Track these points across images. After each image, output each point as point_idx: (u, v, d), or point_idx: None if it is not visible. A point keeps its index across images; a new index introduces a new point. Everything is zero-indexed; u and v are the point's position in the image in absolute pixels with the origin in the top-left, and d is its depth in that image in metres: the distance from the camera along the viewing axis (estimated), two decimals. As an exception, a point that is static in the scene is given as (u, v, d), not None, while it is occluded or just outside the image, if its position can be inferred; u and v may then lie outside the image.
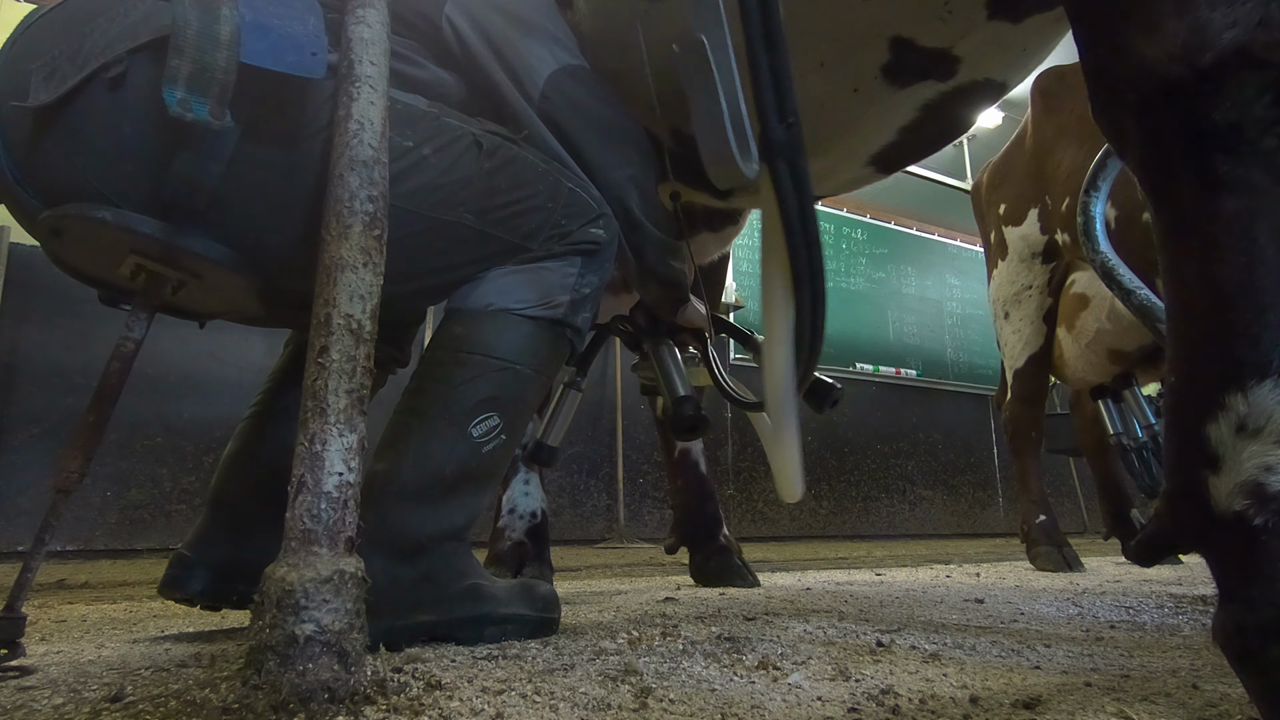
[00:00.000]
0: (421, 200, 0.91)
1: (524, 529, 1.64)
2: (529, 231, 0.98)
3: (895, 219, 6.19)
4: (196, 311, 1.02)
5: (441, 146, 0.93)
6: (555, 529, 2.32)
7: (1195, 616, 1.21)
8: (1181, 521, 0.49)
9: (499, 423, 0.94)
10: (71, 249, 0.86)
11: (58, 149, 0.79)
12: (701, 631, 0.97)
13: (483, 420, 0.93)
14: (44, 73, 0.78)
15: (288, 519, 0.61)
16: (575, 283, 1.01)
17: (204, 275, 0.88)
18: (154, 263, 0.85)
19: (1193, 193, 0.48)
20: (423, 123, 0.92)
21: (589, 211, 1.04)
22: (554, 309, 0.99)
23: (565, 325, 1.01)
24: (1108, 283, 1.13)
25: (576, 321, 1.02)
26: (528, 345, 0.97)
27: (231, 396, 3.30)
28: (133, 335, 0.84)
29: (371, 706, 0.57)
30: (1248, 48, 0.44)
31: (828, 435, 5.21)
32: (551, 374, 1.04)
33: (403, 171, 0.88)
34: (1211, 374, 0.46)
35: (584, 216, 1.03)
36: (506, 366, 0.95)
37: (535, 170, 1.00)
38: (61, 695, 0.64)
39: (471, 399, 0.93)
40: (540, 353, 0.99)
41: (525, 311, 0.97)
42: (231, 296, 0.95)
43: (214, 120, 0.74)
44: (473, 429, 0.92)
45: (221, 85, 0.75)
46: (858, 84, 1.18)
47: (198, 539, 1.04)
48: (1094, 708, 0.60)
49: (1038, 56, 1.24)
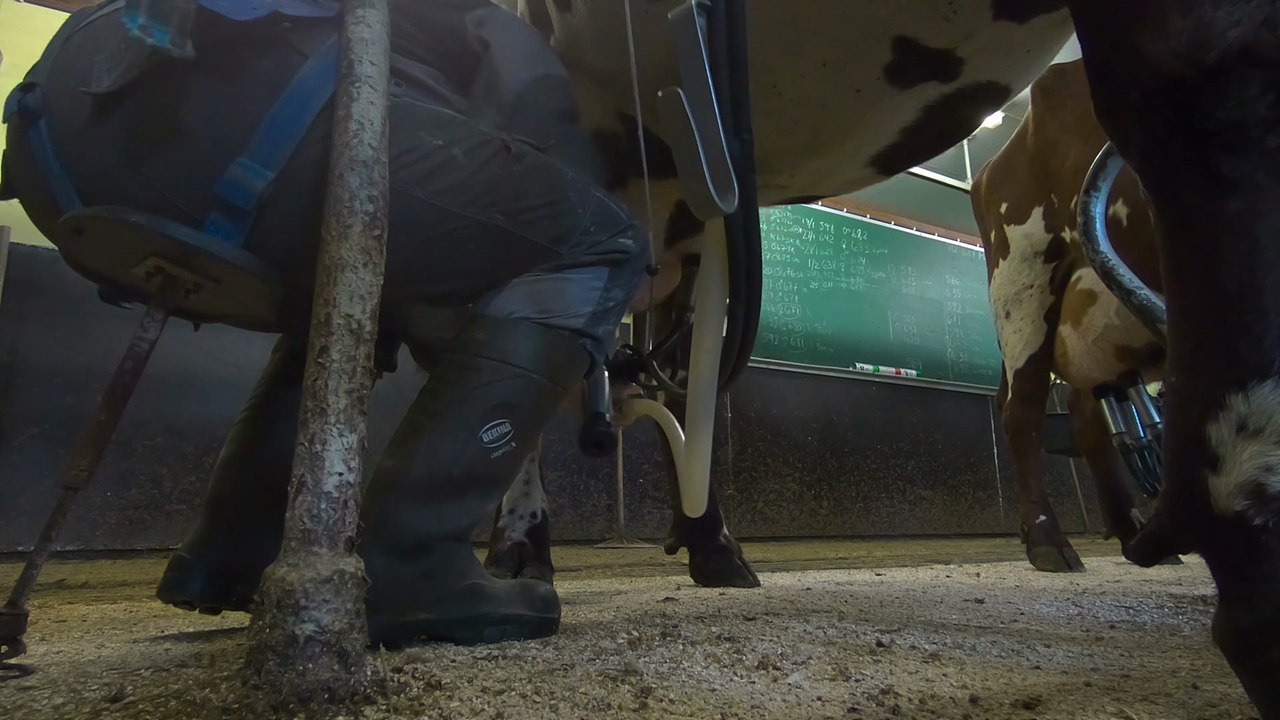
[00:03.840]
0: (453, 198, 0.91)
1: (524, 529, 1.64)
2: (559, 235, 0.99)
3: (895, 219, 6.19)
4: (203, 313, 1.02)
5: (471, 148, 0.93)
6: (555, 529, 2.33)
7: (1195, 616, 1.21)
8: (1181, 521, 0.48)
9: (510, 430, 0.94)
10: (90, 248, 0.86)
11: (112, 137, 0.80)
12: (701, 631, 0.97)
13: (494, 426, 0.93)
14: (108, 63, 0.79)
15: (288, 519, 0.61)
16: (600, 295, 1.01)
17: (224, 280, 0.88)
18: (175, 266, 0.85)
19: (1195, 192, 0.47)
20: (452, 126, 0.94)
21: (618, 222, 1.04)
22: (575, 319, 0.99)
23: (586, 336, 1.01)
24: (1108, 283, 1.13)
25: (598, 333, 1.02)
26: (545, 355, 0.97)
27: (231, 396, 3.30)
28: (147, 335, 0.84)
29: (371, 706, 0.57)
30: (1252, 46, 0.44)
31: (828, 435, 5.21)
32: (568, 385, 1.04)
33: (434, 169, 0.90)
34: (1212, 374, 0.46)
35: (613, 226, 1.03)
36: (523, 374, 0.95)
37: (564, 177, 1.01)
38: (61, 695, 0.64)
39: (485, 404, 0.93)
40: (557, 363, 0.99)
41: (546, 321, 0.97)
42: (247, 302, 0.95)
43: (175, 48, 0.74)
44: (484, 434, 0.92)
45: (182, 14, 0.75)
46: (860, 84, 1.18)
47: (195, 542, 1.04)
48: (1094, 708, 0.60)
49: (1041, 60, 1.23)
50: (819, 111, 1.24)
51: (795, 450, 5.00)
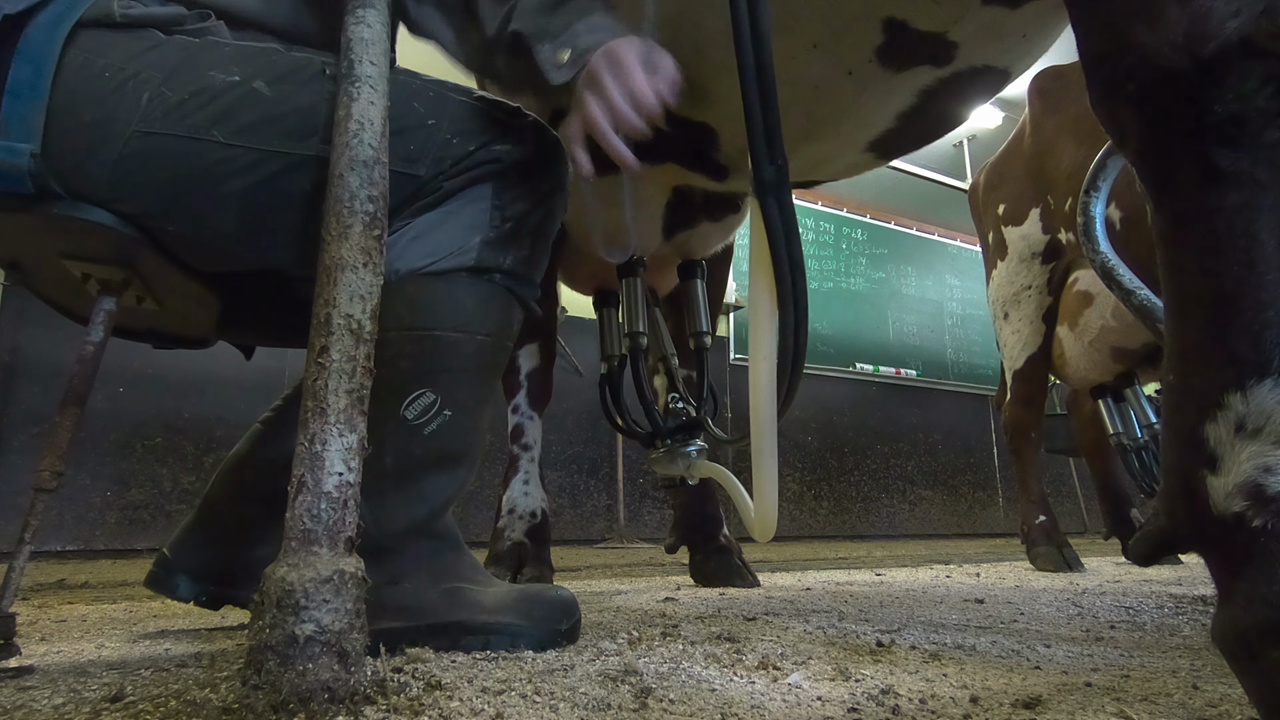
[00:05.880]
0: (262, 135, 0.79)
1: (524, 529, 1.64)
2: (408, 155, 0.84)
3: (895, 219, 6.19)
4: (148, 328, 1.02)
5: (278, 77, 0.82)
6: (555, 529, 2.32)
7: (1195, 616, 1.21)
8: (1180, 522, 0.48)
9: (435, 398, 0.84)
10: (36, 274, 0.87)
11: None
12: (701, 631, 0.97)
13: (414, 399, 0.83)
14: None
15: (288, 519, 0.61)
16: (491, 216, 0.87)
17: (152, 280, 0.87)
18: (88, 263, 0.84)
19: (1193, 186, 0.47)
20: (256, 58, 0.83)
21: (488, 125, 0.88)
22: (465, 255, 0.85)
23: (489, 271, 0.87)
24: (1108, 283, 1.13)
25: (504, 263, 0.87)
26: (444, 305, 0.85)
27: (231, 396, 3.30)
28: (91, 339, 0.85)
29: (371, 706, 0.57)
30: (1251, 37, 0.43)
31: (828, 435, 5.21)
32: (494, 329, 0.89)
33: (230, 106, 0.79)
34: (1210, 372, 0.46)
35: (483, 133, 0.87)
36: (424, 335, 0.84)
37: (408, 88, 0.86)
38: (61, 695, 0.64)
39: (395, 379, 0.83)
40: (465, 310, 0.86)
41: (432, 268, 0.84)
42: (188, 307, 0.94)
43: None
44: (405, 412, 0.83)
45: None
46: (852, 66, 1.17)
47: (177, 540, 1.08)
48: (1094, 708, 0.60)
49: (1040, 44, 1.21)
50: (811, 94, 1.22)
51: (795, 450, 5.01)
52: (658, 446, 1.59)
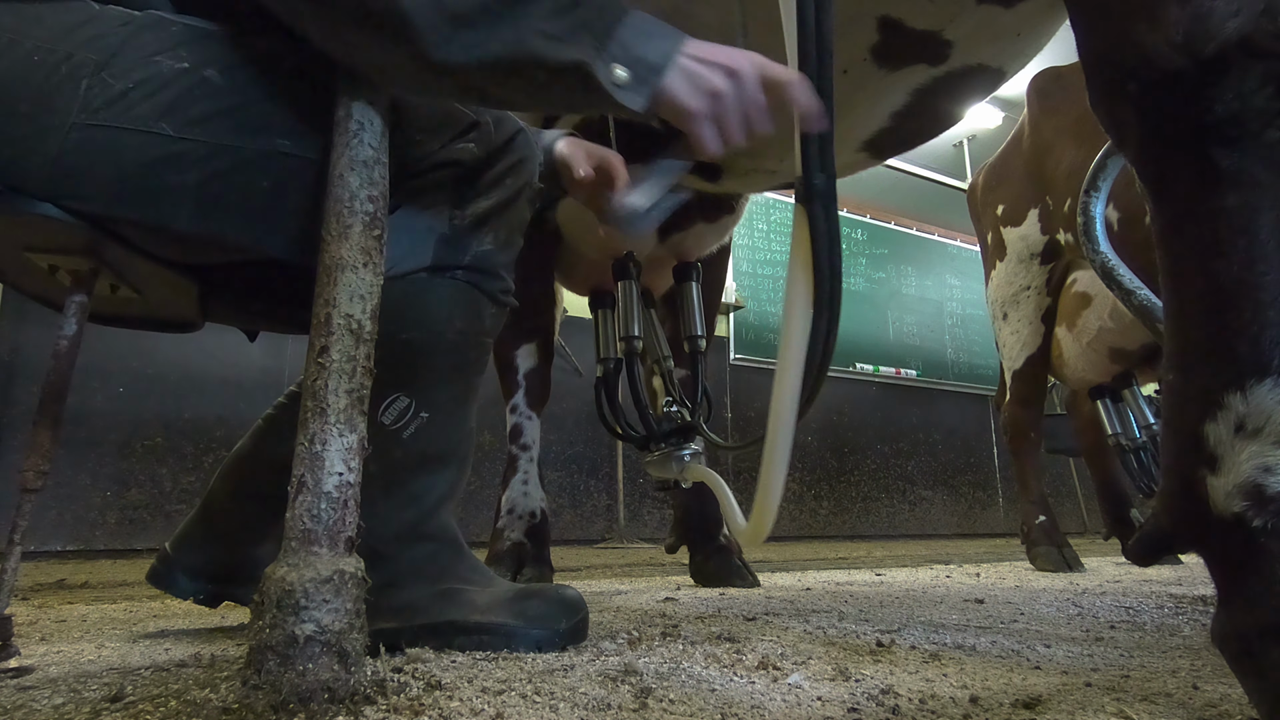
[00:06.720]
0: (214, 128, 0.75)
1: (523, 529, 1.64)
2: None
3: (895, 219, 6.19)
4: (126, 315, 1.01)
5: (231, 65, 0.77)
6: (555, 529, 2.32)
7: (1195, 616, 1.21)
8: (1179, 522, 0.48)
9: (409, 401, 0.84)
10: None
11: None
12: (701, 631, 0.97)
13: (389, 405, 0.83)
14: None
15: (288, 519, 0.61)
16: (447, 215, 0.85)
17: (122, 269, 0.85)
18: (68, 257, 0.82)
19: (1192, 186, 0.47)
20: (207, 42, 0.78)
21: (449, 124, 0.86)
22: (422, 255, 0.84)
23: (445, 269, 0.85)
24: (1108, 283, 1.13)
25: (464, 259, 0.86)
26: (407, 308, 0.83)
27: (231, 396, 3.30)
28: (65, 333, 0.84)
29: (371, 706, 0.57)
30: (1251, 37, 0.43)
31: (828, 435, 5.21)
32: (460, 325, 0.87)
33: (179, 97, 0.74)
34: (1210, 373, 0.46)
35: (444, 132, 0.85)
36: (390, 339, 0.80)
37: None
38: (61, 695, 0.64)
39: None
40: (427, 310, 0.85)
41: (392, 272, 0.81)
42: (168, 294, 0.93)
43: None
44: (381, 418, 0.83)
45: None
46: (847, 65, 1.17)
47: (179, 536, 1.09)
48: (1094, 708, 0.60)
49: (1035, 43, 1.21)
50: None
51: (795, 450, 4.94)
52: (652, 450, 1.59)
